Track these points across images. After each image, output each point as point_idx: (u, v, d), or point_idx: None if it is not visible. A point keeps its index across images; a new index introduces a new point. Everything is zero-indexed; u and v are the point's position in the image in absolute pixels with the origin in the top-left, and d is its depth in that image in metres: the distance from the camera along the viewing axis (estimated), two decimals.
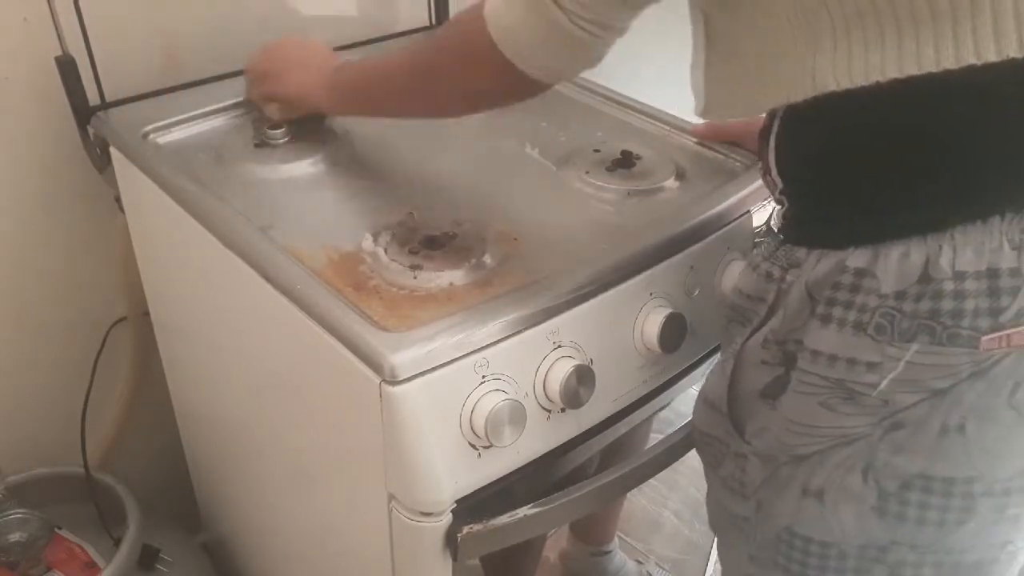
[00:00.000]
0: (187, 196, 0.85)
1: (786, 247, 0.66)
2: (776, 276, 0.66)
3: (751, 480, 0.70)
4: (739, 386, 0.70)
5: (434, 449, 0.68)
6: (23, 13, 0.96)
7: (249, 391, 0.93)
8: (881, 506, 0.63)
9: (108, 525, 1.09)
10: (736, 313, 0.71)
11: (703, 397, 0.76)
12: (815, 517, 0.66)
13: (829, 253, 0.62)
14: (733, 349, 0.71)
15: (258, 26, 1.14)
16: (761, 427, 0.68)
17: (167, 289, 1.05)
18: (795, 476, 0.66)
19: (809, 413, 0.64)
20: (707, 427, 0.75)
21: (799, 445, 0.65)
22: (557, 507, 0.76)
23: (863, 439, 0.63)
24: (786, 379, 0.65)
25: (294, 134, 0.95)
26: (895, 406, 0.60)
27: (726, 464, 0.73)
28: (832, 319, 0.61)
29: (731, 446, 0.72)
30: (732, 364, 0.70)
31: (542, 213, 0.86)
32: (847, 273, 0.60)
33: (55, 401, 1.16)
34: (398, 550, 0.75)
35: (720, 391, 0.72)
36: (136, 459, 1.26)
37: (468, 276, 0.75)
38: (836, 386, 0.62)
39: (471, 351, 0.68)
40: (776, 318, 0.66)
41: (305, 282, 0.73)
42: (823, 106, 0.59)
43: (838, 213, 0.63)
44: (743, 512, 0.72)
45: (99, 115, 0.98)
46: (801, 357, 0.64)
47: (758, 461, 0.69)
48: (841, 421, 0.63)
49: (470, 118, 1.03)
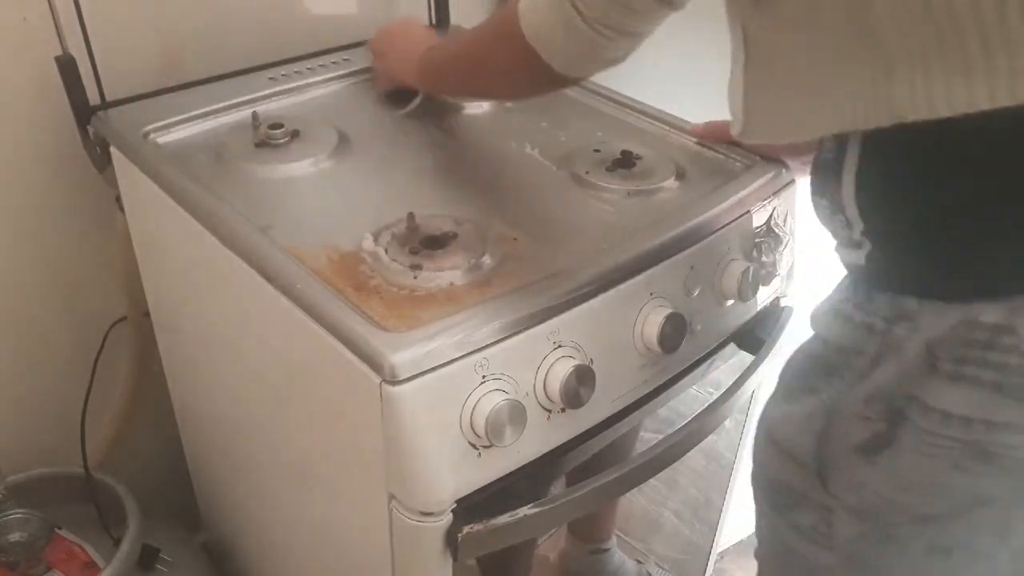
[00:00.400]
0: (187, 196, 0.85)
1: (886, 296, 0.61)
2: (879, 328, 0.61)
3: (839, 533, 0.67)
4: (828, 439, 0.66)
5: (434, 449, 0.68)
6: (23, 13, 0.96)
7: (249, 391, 0.93)
8: (1020, 570, 0.61)
9: (108, 525, 1.09)
10: (816, 362, 0.67)
11: (775, 445, 0.71)
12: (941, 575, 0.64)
13: (952, 307, 0.56)
14: (821, 401, 0.66)
15: (258, 26, 1.14)
16: (855, 482, 0.65)
17: (167, 289, 1.05)
18: (920, 536, 0.63)
19: (940, 474, 0.60)
20: (777, 473, 0.72)
21: (923, 505, 0.62)
22: (557, 507, 0.76)
23: (997, 500, 0.60)
24: (890, 436, 0.61)
25: (294, 134, 0.95)
26: None
27: (803, 513, 0.70)
28: (963, 378, 0.57)
29: (812, 497, 0.68)
30: (823, 418, 0.66)
31: (542, 213, 0.86)
32: (980, 329, 0.55)
33: (55, 401, 1.16)
34: (398, 550, 0.75)
35: (806, 444, 0.68)
36: (136, 459, 1.26)
37: (468, 276, 0.75)
38: (971, 447, 0.58)
39: (471, 351, 0.68)
40: (882, 373, 0.61)
41: (305, 282, 0.73)
42: (924, 129, 0.52)
43: (957, 262, 0.57)
44: (825, 562, 0.69)
45: (99, 115, 0.98)
46: (920, 415, 0.59)
47: (850, 516, 0.66)
48: (978, 481, 0.59)
49: (469, 117, 1.04)
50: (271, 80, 1.07)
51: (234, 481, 1.12)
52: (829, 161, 0.62)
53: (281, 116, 0.97)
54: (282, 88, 1.05)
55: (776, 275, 0.93)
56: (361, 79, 1.12)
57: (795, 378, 0.71)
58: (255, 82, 1.06)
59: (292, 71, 1.09)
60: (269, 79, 1.07)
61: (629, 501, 1.46)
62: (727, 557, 1.58)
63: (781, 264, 0.93)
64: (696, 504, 1.33)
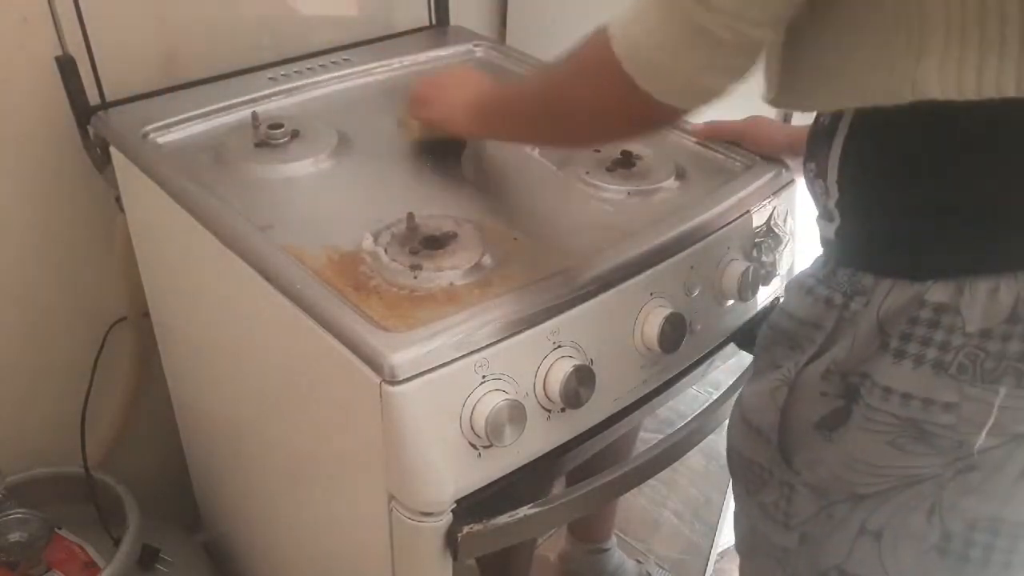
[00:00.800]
0: (187, 196, 0.85)
1: (847, 271, 0.62)
2: (837, 303, 0.62)
3: (797, 512, 0.67)
4: (791, 415, 0.67)
5: (434, 449, 0.68)
6: (23, 13, 0.96)
7: (249, 391, 0.93)
8: (944, 546, 0.61)
9: (108, 525, 1.09)
10: (783, 336, 0.68)
11: (745, 421, 0.72)
12: (870, 557, 0.64)
13: (904, 284, 0.57)
14: (784, 376, 0.67)
15: (258, 26, 1.14)
16: (814, 459, 0.65)
17: (167, 289, 1.05)
18: (852, 515, 0.64)
19: (875, 452, 0.61)
20: (749, 452, 0.72)
21: (860, 484, 0.63)
22: (557, 507, 0.76)
23: (931, 479, 0.60)
24: (846, 412, 0.62)
25: (294, 134, 0.95)
26: (970, 448, 0.58)
27: (768, 491, 0.70)
28: (907, 355, 0.58)
29: (775, 474, 0.69)
30: (785, 392, 0.67)
31: (542, 213, 0.86)
32: (926, 308, 0.56)
33: (55, 401, 1.16)
34: (398, 550, 0.75)
35: (770, 419, 0.68)
36: (136, 459, 1.26)
37: (468, 276, 0.75)
38: (908, 425, 0.59)
39: (471, 351, 0.68)
40: (839, 348, 0.62)
41: (305, 282, 0.73)
42: (917, 114, 0.53)
43: (914, 239, 0.58)
44: (784, 543, 0.70)
45: (99, 115, 0.98)
46: (868, 392, 0.60)
47: (809, 493, 0.66)
48: (910, 461, 0.60)
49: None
50: (271, 80, 1.07)
51: (234, 481, 1.12)
52: (824, 127, 0.62)
53: (281, 116, 0.97)
54: (282, 88, 1.05)
55: (776, 275, 0.93)
56: (361, 79, 1.12)
57: (764, 353, 0.72)
58: (255, 82, 1.06)
59: (292, 71, 1.09)
60: (269, 79, 1.07)
61: (629, 501, 1.46)
62: (727, 557, 1.58)
63: (781, 264, 0.93)
64: (696, 504, 1.33)
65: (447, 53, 1.19)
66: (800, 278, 0.68)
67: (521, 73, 1.15)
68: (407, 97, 0.96)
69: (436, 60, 1.17)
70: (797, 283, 0.68)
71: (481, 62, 1.20)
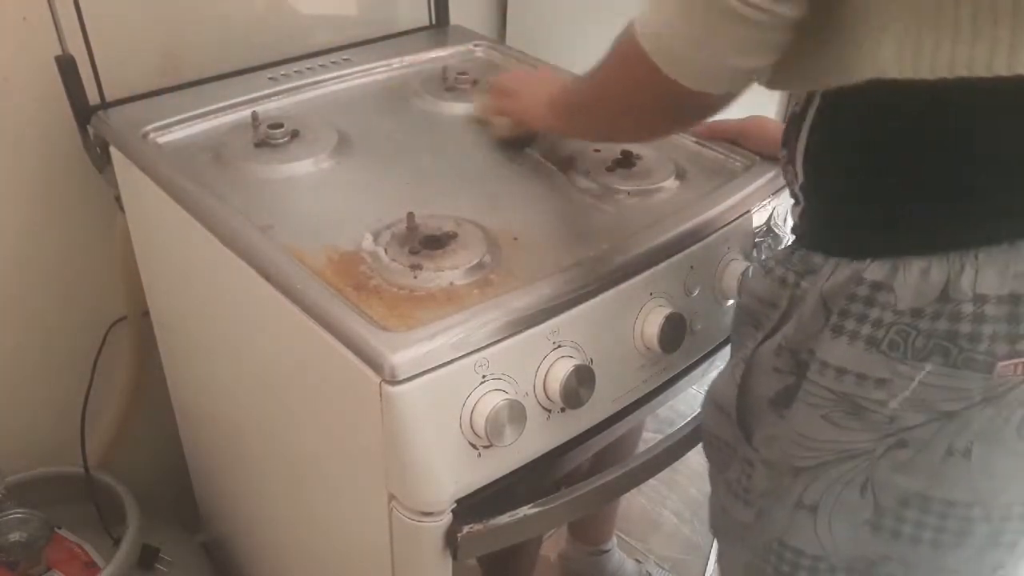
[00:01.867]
0: (187, 196, 0.85)
1: (801, 252, 0.64)
2: (790, 282, 0.64)
3: (755, 487, 0.69)
4: (749, 392, 0.69)
5: (434, 449, 0.68)
6: (23, 13, 0.96)
7: (249, 391, 0.93)
8: (876, 521, 0.63)
9: (108, 525, 1.09)
10: (747, 316, 0.70)
11: (712, 398, 0.75)
12: (807, 530, 0.66)
13: (846, 262, 0.60)
14: (744, 353, 0.69)
15: (258, 26, 1.14)
16: (769, 435, 0.67)
17: (167, 289, 1.05)
18: (792, 488, 0.66)
19: (813, 426, 0.63)
20: (715, 429, 0.74)
21: (800, 457, 0.64)
22: (557, 507, 0.76)
23: (864, 455, 0.61)
24: (796, 388, 0.64)
25: (294, 134, 0.95)
26: (900, 424, 0.59)
27: (733, 468, 0.72)
28: (844, 331, 0.60)
29: (738, 451, 0.71)
30: (743, 368, 0.69)
31: (542, 213, 0.86)
32: (863, 285, 0.58)
33: (55, 401, 1.16)
34: (398, 550, 0.75)
35: (729, 395, 0.70)
36: (136, 459, 1.26)
37: (468, 276, 0.75)
38: (842, 400, 0.61)
39: (471, 351, 0.68)
40: (790, 325, 0.64)
41: (305, 282, 0.73)
42: (870, 96, 0.55)
43: (858, 220, 0.60)
44: (744, 518, 0.71)
45: (99, 115, 0.98)
46: (812, 368, 0.62)
47: (764, 469, 0.68)
48: (844, 436, 0.62)
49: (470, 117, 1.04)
50: (271, 80, 1.07)
51: (234, 481, 1.12)
52: (796, 114, 0.64)
53: (281, 116, 0.97)
54: (282, 88, 1.05)
55: None
56: (361, 79, 1.12)
57: (733, 334, 0.74)
58: (255, 82, 1.06)
59: (292, 71, 1.09)
60: (269, 79, 1.07)
61: (629, 501, 1.46)
62: None
63: None
64: (696, 504, 1.33)
65: (447, 53, 1.19)
66: (762, 259, 0.71)
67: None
68: (487, 92, 0.99)
69: (436, 60, 1.17)
70: (760, 264, 0.70)
71: (481, 62, 1.20)
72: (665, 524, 1.44)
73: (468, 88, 1.08)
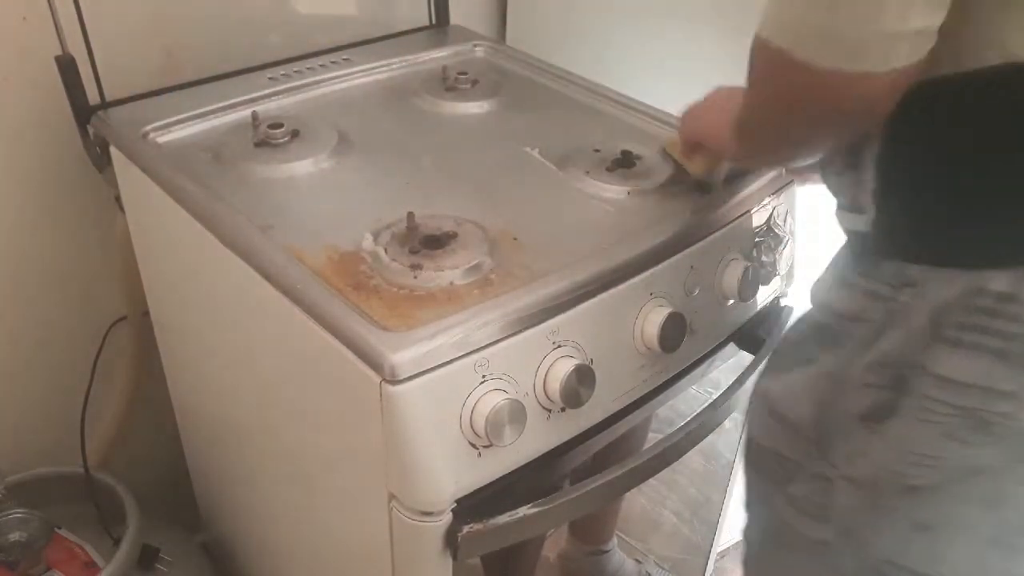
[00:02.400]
0: (187, 196, 0.85)
1: (892, 264, 0.60)
2: (884, 295, 0.61)
3: (837, 504, 0.67)
4: (830, 407, 0.66)
5: (434, 448, 0.68)
6: (23, 12, 0.96)
7: (249, 391, 0.93)
8: (999, 538, 0.61)
9: (108, 525, 1.09)
10: (815, 330, 0.67)
11: (771, 412, 0.71)
12: (924, 550, 0.63)
13: (958, 273, 0.56)
14: (822, 369, 0.66)
15: (258, 26, 1.14)
16: (856, 451, 0.64)
17: (167, 289, 1.05)
18: (903, 508, 0.63)
19: (930, 442, 0.60)
20: (774, 444, 0.71)
21: (913, 476, 0.62)
22: (557, 507, 0.76)
23: (989, 470, 0.59)
24: (894, 403, 0.61)
25: (294, 134, 0.95)
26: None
27: (797, 484, 0.69)
28: (963, 344, 0.57)
29: (807, 467, 0.68)
30: (825, 385, 0.65)
31: (542, 213, 0.86)
32: (986, 296, 0.55)
33: (55, 401, 1.16)
34: (398, 550, 0.75)
35: (802, 411, 0.67)
36: (136, 459, 1.26)
37: (468, 276, 0.75)
38: (966, 415, 0.58)
39: (471, 351, 0.68)
40: (887, 340, 0.61)
41: (305, 282, 0.73)
42: (993, 85, 0.49)
43: (971, 230, 0.56)
44: (820, 535, 0.69)
45: (99, 114, 0.98)
46: (921, 383, 0.59)
47: (849, 486, 0.65)
48: (968, 451, 0.59)
49: (469, 117, 1.04)
50: (271, 80, 1.07)
51: (234, 481, 1.12)
52: None
53: (281, 116, 0.97)
54: (282, 88, 1.05)
55: (776, 275, 0.93)
56: (361, 79, 1.12)
57: (793, 349, 0.71)
58: (255, 82, 1.06)
59: (292, 71, 1.09)
60: (269, 79, 1.07)
61: (629, 501, 1.46)
62: (727, 557, 1.58)
63: (781, 264, 0.93)
64: (696, 504, 1.33)
65: (447, 53, 1.19)
66: (836, 273, 0.66)
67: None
68: (681, 121, 0.89)
69: (436, 60, 1.17)
70: (833, 278, 0.66)
71: (481, 62, 1.20)
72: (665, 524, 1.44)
73: (468, 88, 1.08)
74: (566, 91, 1.11)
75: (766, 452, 0.73)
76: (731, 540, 1.55)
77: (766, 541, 0.77)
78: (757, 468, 0.75)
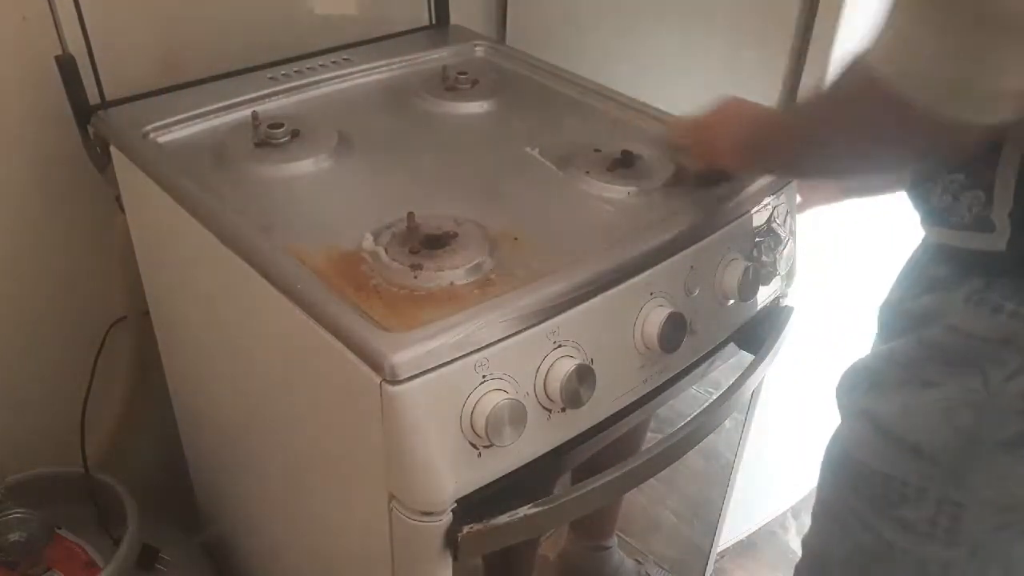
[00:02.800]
0: (187, 196, 0.85)
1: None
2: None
3: (966, 527, 0.66)
4: (969, 433, 0.65)
5: (434, 448, 0.68)
6: (23, 12, 0.96)
7: (249, 391, 0.93)
8: None
9: (108, 525, 1.09)
10: (943, 353, 0.65)
11: (885, 435, 0.70)
12: None
13: None
14: (955, 393, 0.64)
15: (258, 26, 1.14)
16: (996, 476, 0.64)
17: (167, 288, 1.05)
18: None
19: None
20: (887, 467, 0.70)
21: None
22: (557, 507, 0.76)
23: None
24: None
25: (294, 134, 0.95)
26: None
27: (914, 507, 0.69)
28: None
29: (932, 491, 0.67)
30: (967, 411, 0.64)
31: (542, 213, 0.86)
32: None
33: (55, 401, 1.16)
34: (398, 550, 0.75)
35: (936, 437, 0.66)
36: (136, 459, 1.26)
37: (468, 276, 0.75)
38: None
39: (471, 350, 0.68)
40: None
41: (305, 282, 0.73)
42: None
43: None
44: (946, 556, 0.68)
45: (99, 114, 0.98)
46: None
47: (983, 510, 0.65)
48: None
49: (469, 117, 1.04)
50: (271, 80, 1.07)
51: (234, 481, 1.12)
52: None
53: (281, 116, 0.97)
54: (282, 88, 1.05)
55: (776, 275, 0.93)
56: (361, 79, 1.12)
57: (902, 370, 0.69)
58: (255, 82, 1.06)
59: (292, 71, 1.09)
60: (269, 79, 1.07)
61: (629, 501, 1.46)
62: (727, 557, 1.58)
63: (781, 264, 0.93)
64: (696, 504, 1.33)
65: (447, 53, 1.19)
66: (968, 293, 0.64)
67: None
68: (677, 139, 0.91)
69: (436, 60, 1.17)
70: (964, 298, 0.64)
71: (481, 62, 1.20)
72: (665, 524, 1.44)
73: (468, 88, 1.08)
74: (566, 91, 1.11)
75: (875, 475, 0.71)
76: (731, 540, 1.55)
77: (855, 558, 0.76)
78: (856, 488, 0.74)
